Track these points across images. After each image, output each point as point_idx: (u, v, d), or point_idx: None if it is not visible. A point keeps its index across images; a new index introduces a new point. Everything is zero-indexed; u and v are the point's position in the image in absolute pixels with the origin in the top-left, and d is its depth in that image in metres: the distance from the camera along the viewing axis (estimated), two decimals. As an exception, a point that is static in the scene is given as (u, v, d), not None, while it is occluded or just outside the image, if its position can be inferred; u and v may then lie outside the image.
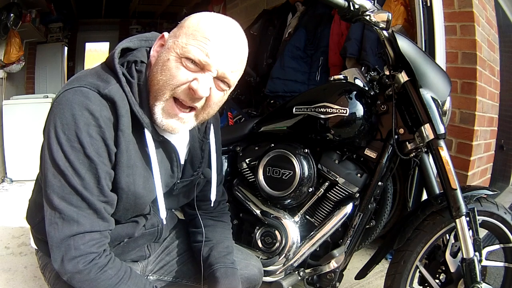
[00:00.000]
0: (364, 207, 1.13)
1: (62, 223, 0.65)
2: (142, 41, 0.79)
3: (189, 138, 0.88)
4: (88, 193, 0.66)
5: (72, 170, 0.64)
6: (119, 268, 0.70)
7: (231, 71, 0.71)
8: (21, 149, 2.96)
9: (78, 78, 0.69)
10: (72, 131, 0.64)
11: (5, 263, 1.64)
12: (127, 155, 0.70)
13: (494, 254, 1.08)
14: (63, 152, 0.64)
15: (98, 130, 0.65)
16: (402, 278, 1.05)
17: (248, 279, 1.00)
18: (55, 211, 0.65)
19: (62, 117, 0.64)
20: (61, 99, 0.66)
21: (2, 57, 3.07)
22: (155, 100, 0.70)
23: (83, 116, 0.64)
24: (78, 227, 0.65)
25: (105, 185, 0.68)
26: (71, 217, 0.65)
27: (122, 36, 5.62)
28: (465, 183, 1.78)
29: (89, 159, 0.65)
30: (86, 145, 0.64)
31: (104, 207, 0.68)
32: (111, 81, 0.68)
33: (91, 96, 0.65)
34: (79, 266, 0.64)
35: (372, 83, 1.20)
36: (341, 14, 0.98)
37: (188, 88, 0.68)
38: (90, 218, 0.66)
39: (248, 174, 1.32)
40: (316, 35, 2.35)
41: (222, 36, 0.69)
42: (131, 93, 0.69)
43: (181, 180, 0.88)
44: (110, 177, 0.70)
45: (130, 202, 0.75)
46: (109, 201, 0.70)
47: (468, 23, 1.73)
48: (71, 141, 0.64)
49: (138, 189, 0.74)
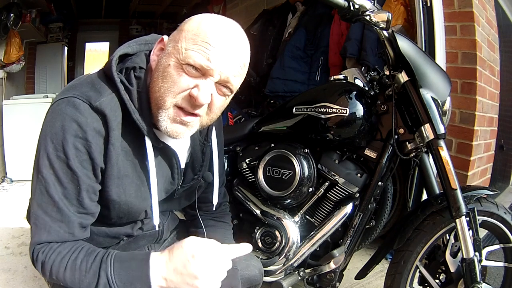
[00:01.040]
0: (364, 207, 1.13)
1: (35, 229, 0.66)
2: (141, 45, 0.78)
3: (190, 142, 0.88)
4: (66, 203, 0.66)
5: (55, 178, 0.65)
6: (72, 245, 0.69)
7: (234, 75, 0.69)
8: (21, 149, 2.96)
9: (73, 87, 0.68)
10: (60, 141, 0.64)
11: (5, 263, 1.64)
12: (117, 167, 0.70)
13: (494, 254, 1.08)
14: (48, 161, 0.65)
15: (84, 143, 0.65)
16: (402, 278, 1.06)
17: (249, 279, 1.00)
18: (32, 215, 0.67)
19: (52, 127, 0.65)
20: (54, 108, 0.66)
21: (2, 57, 3.07)
22: (158, 108, 0.69)
23: (71, 128, 0.64)
24: (47, 236, 0.66)
25: (86, 198, 0.68)
26: (43, 225, 0.66)
27: (122, 36, 5.64)
28: (465, 183, 1.78)
29: (71, 170, 0.65)
30: (70, 157, 0.64)
31: (79, 222, 0.68)
32: (104, 92, 0.68)
33: (82, 108, 0.65)
34: (43, 267, 0.66)
35: (372, 83, 1.20)
36: (341, 14, 0.98)
37: (188, 95, 0.67)
38: (59, 231, 0.67)
39: (248, 174, 1.32)
40: (316, 35, 2.35)
41: (224, 40, 0.67)
42: (130, 101, 0.68)
43: (181, 186, 0.88)
44: (94, 190, 0.70)
45: (123, 211, 0.75)
46: (89, 213, 0.70)
47: (468, 23, 1.74)
48: (57, 150, 0.64)
49: (130, 198, 0.74)
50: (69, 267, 0.64)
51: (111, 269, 0.64)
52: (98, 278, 0.63)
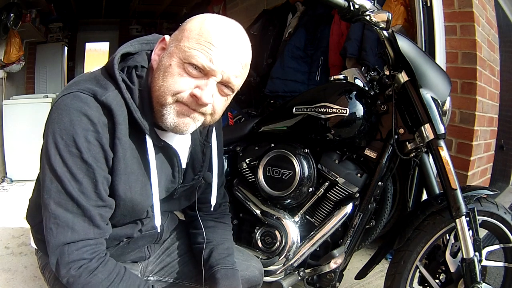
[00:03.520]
0: (364, 207, 1.13)
1: (57, 228, 0.65)
2: (143, 44, 0.78)
3: (191, 142, 0.88)
4: (85, 198, 0.65)
5: (70, 175, 0.64)
6: (111, 270, 0.70)
7: (235, 76, 0.70)
8: (21, 149, 2.96)
9: (76, 83, 0.68)
10: (70, 136, 0.63)
11: (5, 263, 1.64)
12: (124, 163, 0.70)
13: (494, 254, 1.08)
14: (60, 158, 0.64)
15: (95, 135, 0.65)
16: (402, 278, 1.05)
17: (249, 280, 1.00)
18: (51, 216, 0.65)
19: (60, 123, 0.64)
20: (59, 104, 0.65)
21: (2, 57, 3.07)
22: (160, 105, 0.69)
23: (81, 121, 0.64)
24: (72, 234, 0.65)
25: (103, 190, 0.68)
26: (66, 223, 0.65)
27: (122, 36, 5.64)
28: (465, 183, 1.78)
29: (86, 164, 0.65)
30: (83, 150, 0.64)
31: (100, 214, 0.68)
32: (109, 87, 0.67)
33: (89, 102, 0.65)
34: (71, 271, 0.65)
35: (372, 83, 1.19)
36: (341, 14, 0.98)
37: (191, 96, 0.67)
38: (84, 225, 0.66)
39: (248, 174, 1.32)
40: (316, 35, 2.35)
41: (227, 41, 0.67)
42: (131, 100, 0.68)
43: (182, 185, 0.88)
44: (108, 182, 0.69)
45: (128, 208, 0.75)
46: (107, 206, 0.70)
47: (468, 23, 1.73)
48: (69, 146, 0.64)
49: (135, 195, 0.74)
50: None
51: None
52: None
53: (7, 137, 3.02)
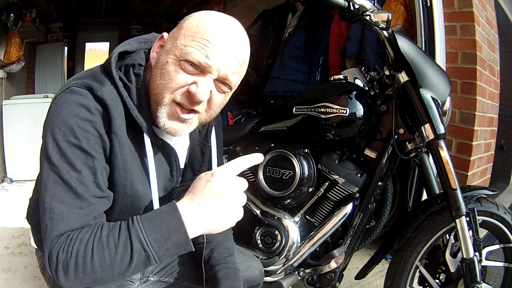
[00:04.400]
0: (364, 207, 1.13)
1: (51, 223, 0.61)
2: (141, 43, 0.78)
3: (190, 142, 0.88)
4: (83, 188, 0.63)
5: (68, 164, 0.63)
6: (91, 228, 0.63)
7: (233, 72, 0.69)
8: (21, 149, 2.96)
9: (74, 79, 0.69)
10: (68, 126, 0.63)
11: (5, 263, 1.64)
12: (122, 158, 0.69)
13: (494, 254, 1.08)
14: (58, 148, 0.63)
15: (94, 124, 0.64)
16: (402, 278, 1.06)
17: (249, 281, 1.00)
18: (46, 211, 0.62)
19: (58, 115, 0.64)
20: (58, 99, 0.66)
21: (2, 57, 3.07)
22: (157, 104, 0.69)
23: (80, 111, 0.63)
24: (66, 225, 0.61)
25: (101, 180, 0.67)
26: (59, 216, 0.61)
27: (122, 36, 5.64)
28: (465, 183, 1.78)
29: (85, 152, 0.64)
30: (82, 139, 0.63)
31: (98, 204, 0.66)
32: (105, 83, 0.67)
33: (85, 94, 0.65)
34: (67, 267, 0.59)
35: (372, 83, 1.20)
36: (341, 14, 0.98)
37: (187, 92, 0.67)
38: (80, 216, 0.63)
39: (248, 174, 1.32)
40: (316, 35, 2.35)
41: (223, 36, 0.67)
42: (129, 98, 0.68)
43: (180, 184, 0.88)
44: (107, 172, 0.68)
45: (127, 205, 0.74)
46: (106, 196, 0.68)
47: (468, 23, 1.74)
48: (67, 136, 0.63)
49: (135, 192, 0.73)
50: (96, 249, 0.59)
51: (142, 231, 0.60)
52: (131, 247, 0.59)
53: (7, 137, 3.02)
